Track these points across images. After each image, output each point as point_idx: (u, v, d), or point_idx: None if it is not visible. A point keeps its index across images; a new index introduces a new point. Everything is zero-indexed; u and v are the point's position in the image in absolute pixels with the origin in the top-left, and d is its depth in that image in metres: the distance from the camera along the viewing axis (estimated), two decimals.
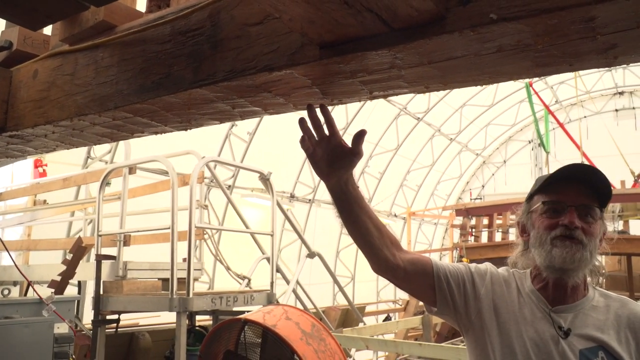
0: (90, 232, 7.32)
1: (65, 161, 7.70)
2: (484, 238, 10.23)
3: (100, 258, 4.38)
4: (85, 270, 4.78)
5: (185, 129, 1.64)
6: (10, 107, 1.79)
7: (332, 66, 1.10)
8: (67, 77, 1.61)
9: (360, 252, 1.47)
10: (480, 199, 17.75)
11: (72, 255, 4.49)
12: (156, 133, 1.70)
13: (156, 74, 1.36)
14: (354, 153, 1.31)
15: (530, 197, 1.47)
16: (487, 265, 1.52)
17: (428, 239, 17.61)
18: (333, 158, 1.32)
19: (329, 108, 1.35)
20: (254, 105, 1.37)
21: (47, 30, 1.84)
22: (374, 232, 1.40)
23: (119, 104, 1.44)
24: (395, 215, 15.66)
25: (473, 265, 1.51)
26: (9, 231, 7.53)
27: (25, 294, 5.81)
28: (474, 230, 10.33)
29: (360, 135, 1.30)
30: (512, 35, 0.93)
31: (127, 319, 5.87)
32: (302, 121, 1.29)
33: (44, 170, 7.23)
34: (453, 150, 17.33)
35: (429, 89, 1.18)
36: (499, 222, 10.12)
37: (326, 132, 1.31)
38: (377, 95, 1.24)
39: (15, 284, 6.16)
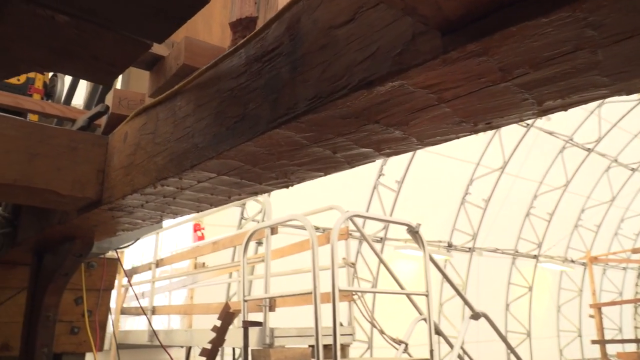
0: (248, 293, 7.40)
1: (221, 223, 7.97)
2: None
3: (247, 325, 4.21)
4: (236, 336, 4.66)
5: (287, 186, 1.28)
6: (105, 177, 1.60)
7: (467, 62, 0.65)
8: (149, 136, 1.36)
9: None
10: None
11: (220, 321, 4.39)
12: (256, 193, 1.37)
13: (230, 118, 1.03)
14: None
15: None
16: None
17: (617, 287, 15.21)
18: None
19: (472, 136, 0.89)
20: (361, 146, 0.96)
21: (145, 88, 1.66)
22: None
23: (194, 162, 1.13)
24: (572, 261, 13.80)
25: None
26: (176, 294, 7.92)
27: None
28: None
29: None
30: None
31: None
32: None
33: (202, 233, 7.53)
34: (636, 182, 15.02)
35: None
36: None
37: None
38: (551, 106, 0.75)
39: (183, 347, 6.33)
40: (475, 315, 4.72)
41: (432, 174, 9.99)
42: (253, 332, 4.26)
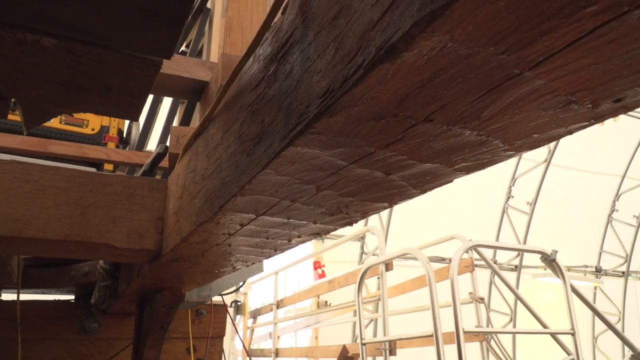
0: (372, 334, 7.05)
1: (341, 259, 7.76)
2: None
3: None
4: None
5: (349, 223, 1.00)
6: (165, 225, 1.44)
7: None
8: (191, 175, 1.17)
9: None
10: None
11: None
12: (317, 234, 1.10)
13: (250, 140, 0.79)
14: None
15: None
16: None
17: None
18: None
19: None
20: (420, 160, 0.65)
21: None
22: None
23: (221, 201, 0.90)
24: None
25: None
26: (301, 334, 7.80)
27: None
28: None
29: None
30: None
31: None
32: None
33: (322, 271, 7.37)
34: None
35: None
36: None
37: None
38: None
39: None
40: (638, 356, 3.94)
41: (568, 191, 8.98)
42: None
